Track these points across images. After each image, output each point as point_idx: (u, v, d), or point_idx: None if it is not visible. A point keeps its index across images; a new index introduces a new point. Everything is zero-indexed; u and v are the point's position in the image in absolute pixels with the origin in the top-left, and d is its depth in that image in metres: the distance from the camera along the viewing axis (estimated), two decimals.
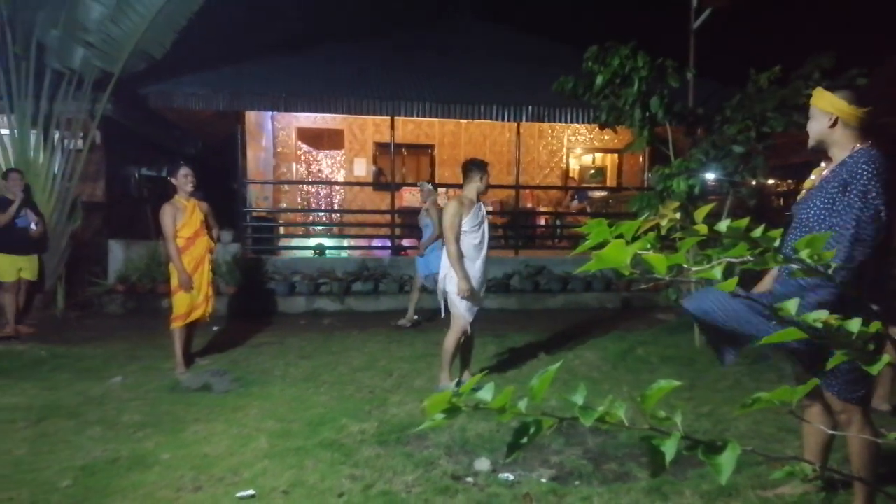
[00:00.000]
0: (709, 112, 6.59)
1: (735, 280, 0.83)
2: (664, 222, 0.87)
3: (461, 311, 4.91)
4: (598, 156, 14.97)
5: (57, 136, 8.65)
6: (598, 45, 6.31)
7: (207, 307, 5.73)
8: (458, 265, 4.81)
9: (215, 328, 7.28)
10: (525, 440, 0.78)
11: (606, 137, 13.76)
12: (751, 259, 0.89)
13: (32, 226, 7.01)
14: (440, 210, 7.73)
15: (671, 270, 0.88)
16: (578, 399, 0.80)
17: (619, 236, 0.95)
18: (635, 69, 6.08)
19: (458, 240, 4.85)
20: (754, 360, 5.44)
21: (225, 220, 9.24)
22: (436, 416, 0.79)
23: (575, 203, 12.94)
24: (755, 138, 5.94)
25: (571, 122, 10.51)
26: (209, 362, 5.83)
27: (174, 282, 5.53)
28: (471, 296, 4.86)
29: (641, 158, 12.74)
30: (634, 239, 0.91)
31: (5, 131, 8.47)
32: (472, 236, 4.92)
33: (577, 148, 14.69)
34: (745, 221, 0.87)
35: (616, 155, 14.53)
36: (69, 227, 8.62)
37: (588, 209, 12.85)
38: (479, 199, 5.01)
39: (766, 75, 6.06)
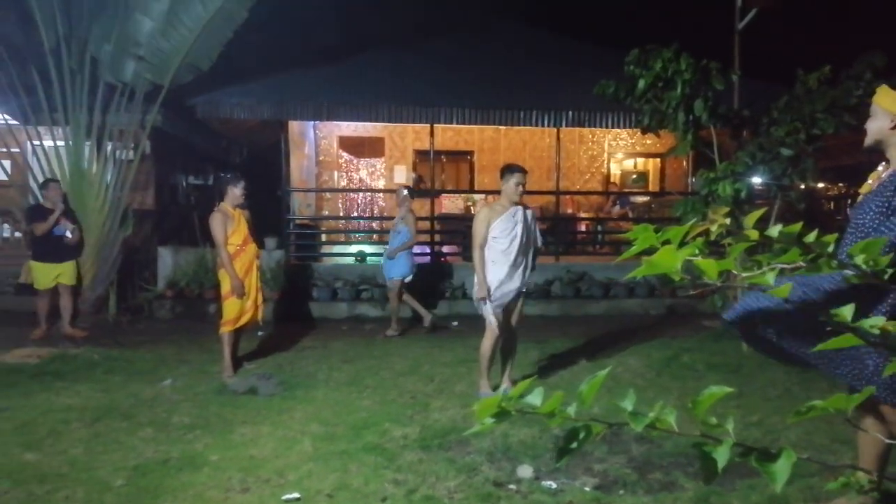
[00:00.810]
0: (755, 114, 6.45)
1: (789, 286, 0.82)
2: (714, 227, 0.87)
3: (486, 316, 4.96)
4: (640, 160, 14.78)
5: (109, 146, 8.96)
6: (639, 48, 6.24)
7: (257, 313, 5.86)
8: (477, 270, 4.90)
9: (260, 333, 7.43)
10: (575, 445, 0.78)
11: (648, 142, 13.59)
12: (803, 265, 0.88)
13: (67, 234, 7.28)
14: (416, 218, 7.88)
15: (721, 276, 0.87)
16: (628, 405, 0.80)
17: (666, 242, 0.95)
18: (678, 72, 6.00)
19: (482, 246, 4.91)
20: (803, 368, 5.28)
21: (269, 227, 9.44)
22: (485, 420, 0.80)
23: (616, 208, 12.79)
24: (804, 140, 5.79)
25: (613, 126, 10.40)
26: (255, 366, 5.95)
27: (224, 287, 5.66)
28: (493, 301, 4.88)
29: (685, 162, 12.52)
30: (682, 244, 0.91)
31: (61, 143, 8.81)
32: (501, 242, 4.93)
33: (619, 153, 14.53)
34: (797, 226, 0.86)
35: (658, 159, 14.32)
36: (121, 234, 8.91)
37: (630, 214, 12.69)
38: (517, 204, 4.99)
39: (815, 75, 5.91)
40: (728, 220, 0.89)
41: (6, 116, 9.07)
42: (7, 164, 9.68)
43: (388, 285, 7.74)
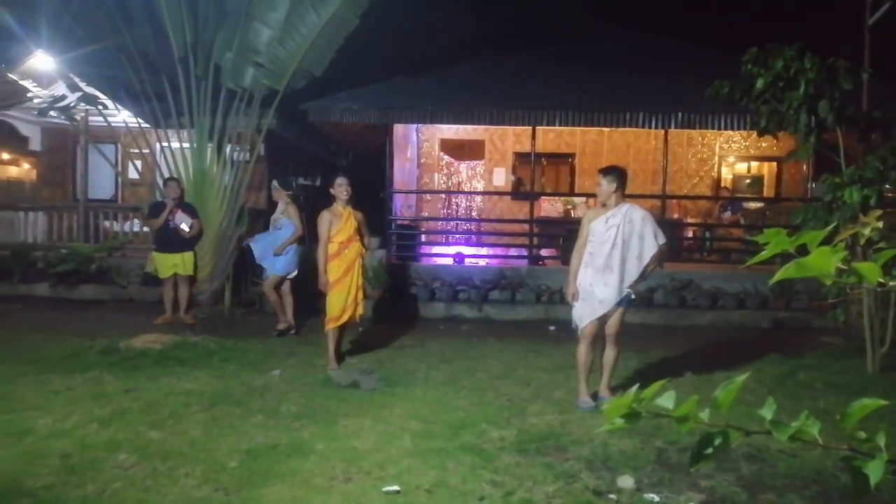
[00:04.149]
0: (887, 116, 5.98)
1: None
2: (866, 231, 0.82)
3: (573, 319, 4.92)
4: (755, 164, 14.02)
5: (228, 149, 9.54)
6: (757, 46, 5.94)
7: (357, 310, 6.06)
8: (571, 269, 4.88)
9: (361, 329, 7.66)
10: (710, 451, 0.76)
11: (764, 145, 12.88)
12: None
13: (184, 226, 7.84)
14: (299, 211, 7.66)
15: (842, 290, 0.82)
16: (767, 413, 0.77)
17: (802, 247, 0.90)
18: (801, 71, 5.66)
19: (579, 248, 4.88)
20: None
21: (372, 227, 9.72)
22: (615, 420, 0.79)
23: (727, 214, 12.19)
24: None
25: (725, 128, 9.93)
26: (357, 361, 6.15)
27: (331, 279, 5.89)
28: (583, 303, 4.81)
29: (805, 167, 11.76)
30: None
31: (186, 145, 9.47)
32: (591, 245, 4.84)
33: (731, 156, 13.85)
34: None
35: (775, 163, 13.53)
36: (237, 231, 9.45)
37: (742, 221, 12.06)
38: (617, 204, 4.86)
39: None
40: (881, 224, 0.83)
41: (139, 120, 9.85)
42: (139, 164, 10.53)
43: (264, 280, 7.59)
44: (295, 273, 7.60)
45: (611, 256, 4.77)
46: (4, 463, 3.53)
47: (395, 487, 3.30)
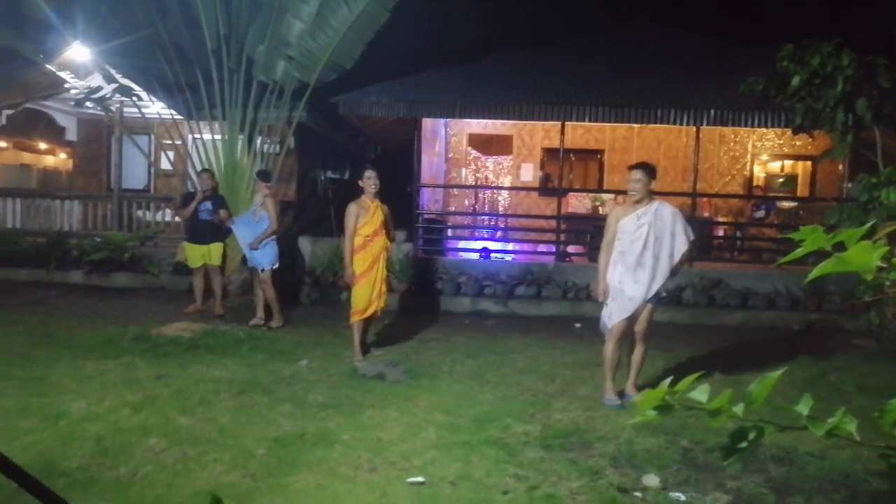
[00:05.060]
0: None
1: None
2: None
3: (604, 317, 4.88)
4: (788, 162, 13.75)
5: (259, 141, 9.65)
6: (793, 42, 5.83)
7: (380, 303, 6.10)
8: (600, 267, 4.86)
9: (387, 322, 7.70)
10: (744, 445, 0.76)
11: (798, 143, 12.63)
12: None
13: (213, 215, 7.92)
14: (278, 203, 7.53)
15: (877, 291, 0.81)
16: (804, 409, 0.76)
17: (839, 244, 0.89)
18: (839, 68, 5.54)
19: (608, 244, 4.84)
20: None
21: (399, 221, 9.77)
22: (647, 412, 0.79)
23: (760, 213, 11.98)
24: None
25: (759, 126, 9.74)
26: (383, 353, 6.20)
27: (357, 271, 5.94)
28: (612, 301, 4.77)
29: (840, 166, 11.50)
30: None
31: (217, 136, 9.61)
32: (621, 243, 4.80)
33: (764, 154, 13.60)
34: None
35: (809, 162, 13.25)
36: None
37: (775, 220, 11.85)
38: (647, 202, 4.81)
39: None
40: None
41: (172, 111, 10.02)
42: (171, 154, 10.71)
43: (261, 276, 7.37)
44: (276, 265, 7.45)
45: (643, 255, 4.73)
46: (41, 444, 3.63)
47: (420, 479, 3.32)
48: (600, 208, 12.54)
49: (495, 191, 14.69)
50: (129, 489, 3.14)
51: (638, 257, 4.73)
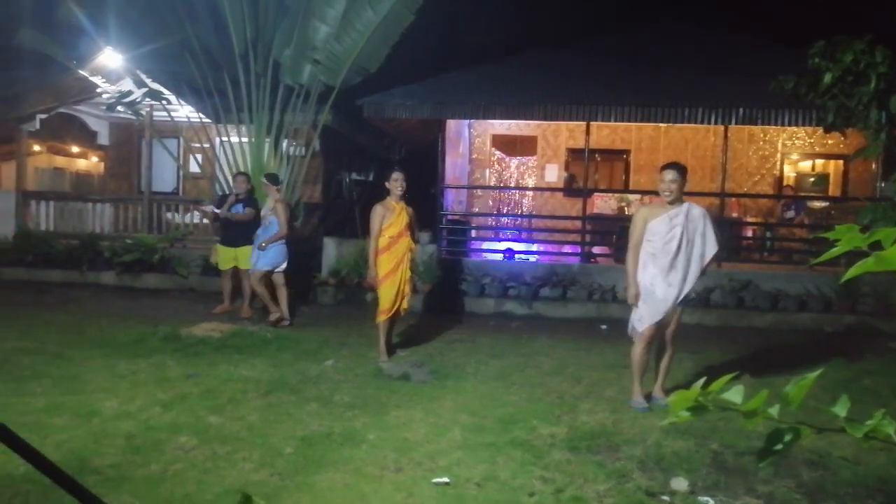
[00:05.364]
0: None
1: None
2: None
3: (633, 321, 4.82)
4: (819, 162, 13.49)
5: (285, 144, 9.75)
6: (825, 39, 5.72)
7: (403, 303, 6.12)
8: (629, 271, 4.77)
9: (411, 323, 7.72)
10: (780, 447, 0.74)
11: (830, 142, 12.39)
12: None
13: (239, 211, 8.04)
14: (288, 208, 7.64)
15: None
16: (841, 410, 0.75)
17: (875, 244, 0.87)
18: (872, 65, 5.42)
19: (636, 247, 4.75)
20: None
21: (423, 222, 9.80)
22: (680, 413, 0.79)
23: (791, 213, 11.77)
24: None
25: (789, 125, 9.58)
26: (408, 353, 6.22)
27: (380, 273, 5.97)
28: (644, 304, 4.70)
29: (874, 165, 11.24)
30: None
31: (245, 139, 9.73)
32: (653, 245, 4.71)
33: (794, 153, 13.36)
34: None
35: (841, 161, 12.98)
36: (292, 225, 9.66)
37: (805, 221, 11.63)
38: (678, 202, 4.75)
39: None
40: None
41: (201, 115, 10.17)
42: (200, 157, 10.87)
43: (251, 273, 7.58)
44: (284, 266, 7.65)
45: (677, 257, 4.66)
46: (74, 442, 3.71)
47: (445, 479, 3.32)
48: (626, 209, 12.43)
49: (520, 192, 14.64)
50: (160, 487, 3.19)
51: (672, 259, 4.65)
